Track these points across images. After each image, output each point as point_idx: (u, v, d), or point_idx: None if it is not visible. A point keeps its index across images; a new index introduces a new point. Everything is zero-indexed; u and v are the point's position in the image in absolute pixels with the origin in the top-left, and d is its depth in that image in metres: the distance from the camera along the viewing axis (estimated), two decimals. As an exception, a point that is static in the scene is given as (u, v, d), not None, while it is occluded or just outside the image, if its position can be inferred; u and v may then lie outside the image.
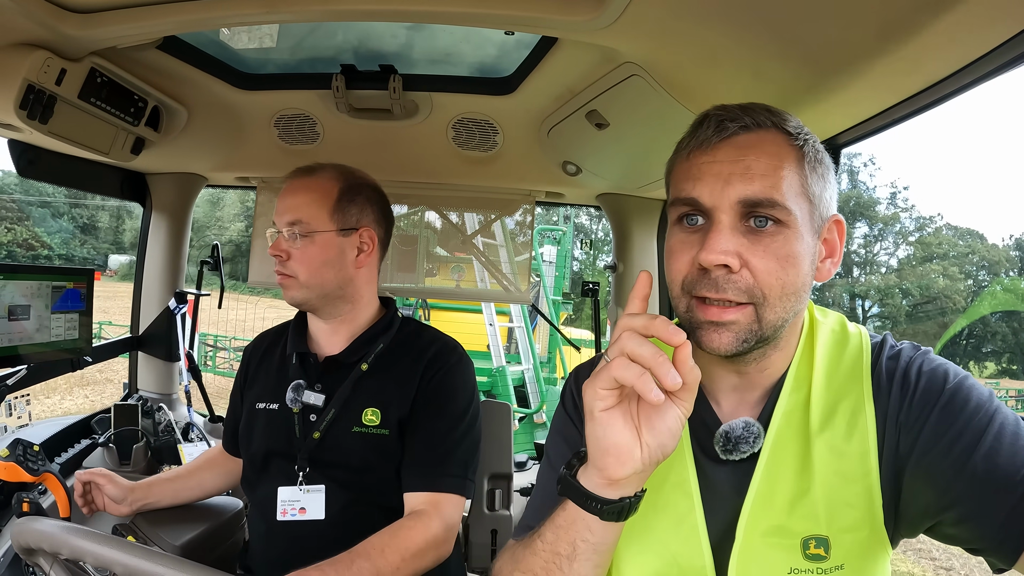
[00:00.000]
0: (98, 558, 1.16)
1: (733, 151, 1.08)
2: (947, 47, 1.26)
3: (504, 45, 2.09)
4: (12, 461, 1.80)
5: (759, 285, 1.06)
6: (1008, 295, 45.90)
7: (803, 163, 1.08)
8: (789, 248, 1.06)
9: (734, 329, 1.08)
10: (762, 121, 1.10)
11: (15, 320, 2.12)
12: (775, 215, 1.05)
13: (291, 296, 1.93)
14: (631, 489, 1.02)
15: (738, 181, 1.06)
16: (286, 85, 2.32)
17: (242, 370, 2.20)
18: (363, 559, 1.65)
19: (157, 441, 2.78)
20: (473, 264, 4.11)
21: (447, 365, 1.98)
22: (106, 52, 1.86)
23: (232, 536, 2.32)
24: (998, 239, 56.03)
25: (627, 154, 2.40)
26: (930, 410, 1.07)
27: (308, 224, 1.90)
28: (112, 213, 48.99)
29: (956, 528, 1.06)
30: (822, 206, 1.11)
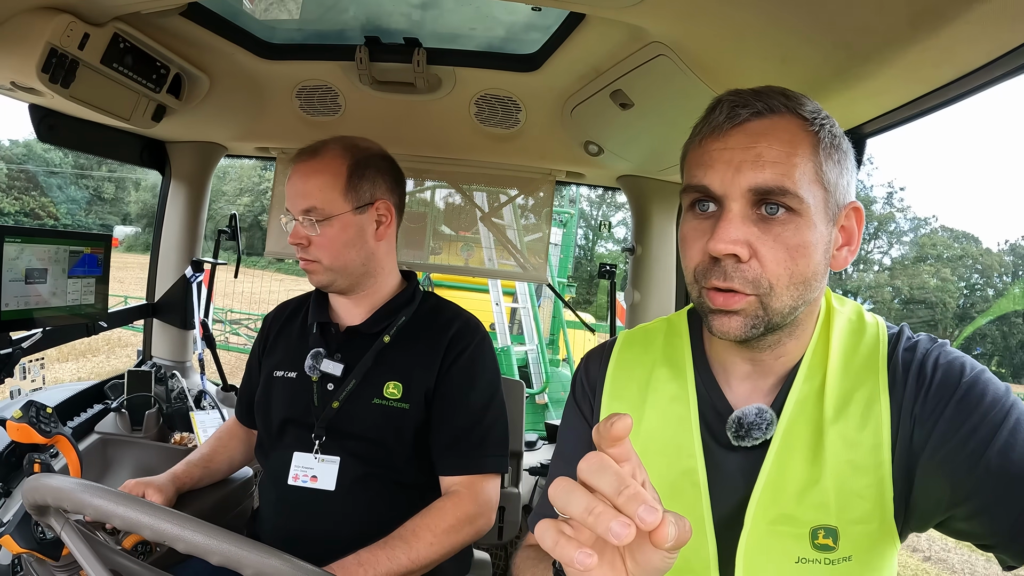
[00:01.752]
0: (111, 514, 1.17)
1: (744, 138, 1.08)
2: (980, 37, 1.24)
3: (530, 21, 2.07)
4: (25, 423, 1.81)
5: (766, 275, 1.06)
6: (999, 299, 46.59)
7: (818, 149, 1.07)
8: (800, 237, 1.06)
9: (742, 315, 1.09)
10: (775, 106, 1.09)
11: (32, 283, 2.13)
12: (786, 203, 1.05)
13: (318, 280, 1.94)
14: None
15: (749, 168, 1.05)
16: (309, 56, 2.31)
17: (261, 338, 2.20)
18: (397, 540, 1.72)
19: (169, 408, 2.80)
20: (481, 243, 4.09)
21: (471, 344, 1.99)
22: (130, 17, 1.86)
23: (241, 504, 2.34)
24: (993, 243, 56.25)
25: (650, 136, 2.38)
26: (946, 403, 1.07)
27: (323, 209, 1.88)
28: (118, 184, 49.14)
29: (968, 523, 1.05)
30: (838, 193, 1.10)
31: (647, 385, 1.31)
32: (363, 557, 1.65)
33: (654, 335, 1.39)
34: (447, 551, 1.77)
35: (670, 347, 1.34)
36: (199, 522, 1.15)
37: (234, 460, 2.26)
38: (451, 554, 1.79)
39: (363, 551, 1.67)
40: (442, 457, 1.91)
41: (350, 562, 1.64)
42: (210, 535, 1.12)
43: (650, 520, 0.70)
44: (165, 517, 1.15)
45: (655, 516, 0.70)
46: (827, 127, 1.09)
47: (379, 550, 1.67)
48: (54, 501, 1.23)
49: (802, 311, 1.13)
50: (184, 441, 2.66)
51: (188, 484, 2.07)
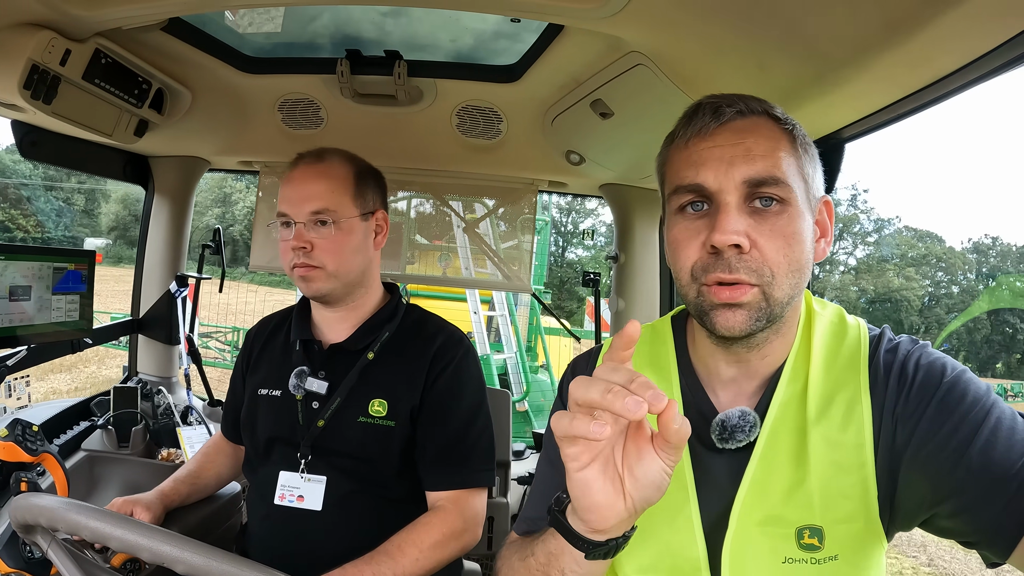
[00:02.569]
0: (97, 533, 1.17)
1: (732, 135, 1.11)
2: (954, 42, 1.26)
3: (510, 33, 2.09)
4: (11, 441, 1.80)
5: (768, 264, 1.08)
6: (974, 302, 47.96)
7: (795, 145, 1.12)
8: (794, 226, 1.09)
9: (747, 308, 1.09)
10: (754, 108, 1.14)
11: (16, 301, 2.12)
12: (778, 193, 1.08)
13: (316, 288, 1.90)
14: (619, 532, 0.99)
15: (741, 162, 1.09)
16: (290, 69, 2.31)
17: (244, 354, 2.19)
18: (383, 555, 1.71)
19: (156, 424, 2.78)
20: (458, 252, 4.10)
21: (455, 358, 1.98)
22: (111, 33, 1.86)
23: (229, 519, 2.33)
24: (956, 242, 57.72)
25: (631, 144, 2.39)
26: (927, 403, 1.08)
27: (336, 211, 1.88)
28: (88, 196, 48.73)
29: (951, 521, 1.06)
30: (814, 187, 1.15)
31: None
32: (349, 572, 1.64)
33: (641, 340, 1.39)
34: (433, 566, 1.76)
35: (655, 353, 1.35)
36: (185, 539, 1.15)
37: (222, 476, 2.25)
38: (437, 569, 1.78)
39: (348, 566, 1.66)
40: (428, 472, 1.91)
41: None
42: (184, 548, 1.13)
43: (659, 404, 0.82)
44: (151, 535, 1.15)
45: (663, 400, 0.82)
46: (797, 127, 1.15)
47: (364, 565, 1.67)
48: (35, 521, 1.23)
49: (794, 303, 1.15)
50: (171, 457, 2.65)
51: (176, 501, 2.05)
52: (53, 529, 1.25)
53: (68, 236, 43.58)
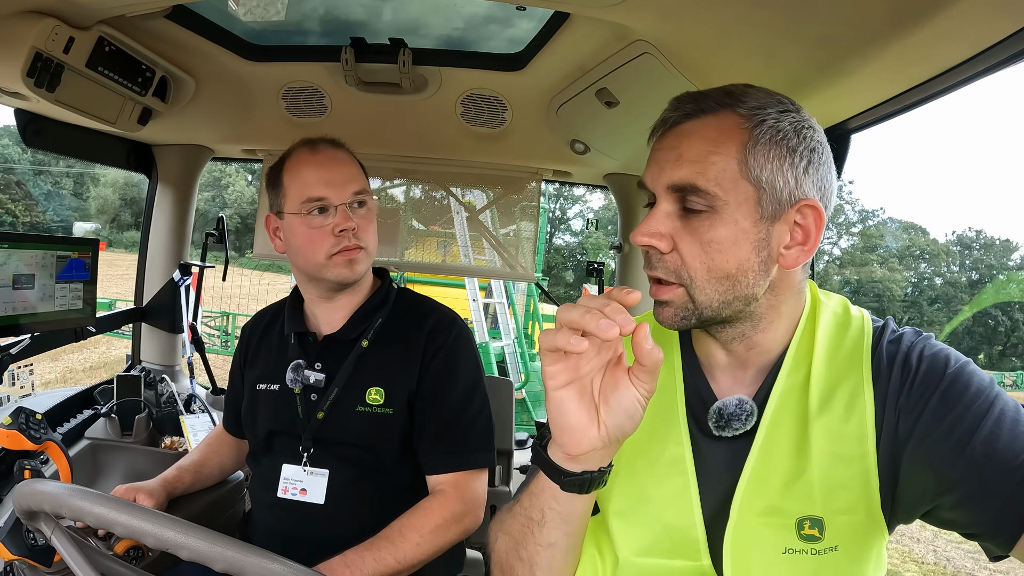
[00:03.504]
0: (101, 519, 1.17)
1: (673, 139, 1.13)
2: (962, 33, 1.25)
3: (515, 20, 2.07)
4: (15, 429, 1.80)
5: (685, 267, 1.10)
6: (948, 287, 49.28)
7: (746, 146, 1.07)
8: (715, 233, 1.08)
9: (672, 306, 1.14)
10: (709, 106, 1.11)
11: (19, 289, 2.12)
12: (702, 202, 1.08)
13: (359, 271, 1.90)
14: (594, 464, 1.05)
15: (670, 167, 1.10)
16: (294, 57, 2.31)
17: (241, 349, 2.19)
18: (383, 541, 1.71)
19: (159, 412, 2.79)
20: (456, 239, 4.08)
21: (449, 339, 1.97)
22: (114, 21, 1.85)
23: (232, 507, 2.34)
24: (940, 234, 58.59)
25: (636, 134, 2.37)
26: (930, 394, 1.08)
27: (368, 192, 1.92)
28: (77, 180, 48.34)
29: (953, 512, 1.06)
30: (778, 189, 1.09)
31: None
32: (349, 558, 1.65)
33: None
34: (434, 551, 1.77)
35: (659, 338, 1.34)
36: (190, 524, 1.15)
37: (225, 466, 2.26)
38: (438, 553, 1.79)
39: (349, 552, 1.67)
40: (427, 455, 1.91)
41: (336, 563, 1.64)
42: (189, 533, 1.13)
43: (629, 326, 0.92)
44: (156, 520, 1.15)
45: (632, 324, 0.92)
46: (769, 123, 1.09)
47: (365, 551, 1.68)
48: (39, 507, 1.23)
49: (744, 305, 1.14)
50: (174, 445, 2.66)
51: (179, 489, 2.06)
52: (57, 516, 1.25)
53: (58, 221, 43.40)
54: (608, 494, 1.24)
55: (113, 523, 1.15)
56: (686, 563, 1.18)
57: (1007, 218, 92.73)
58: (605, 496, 1.25)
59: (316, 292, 1.99)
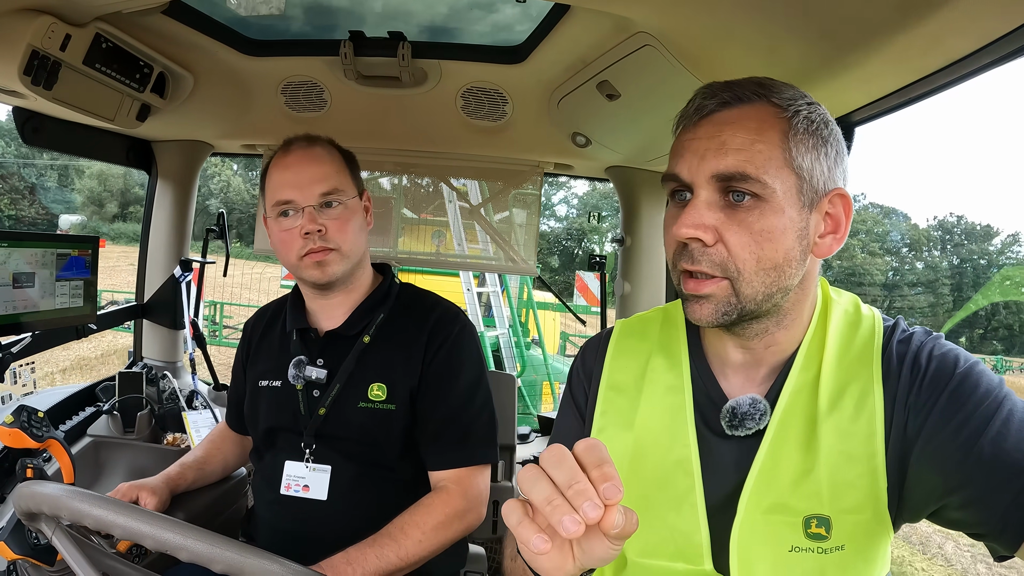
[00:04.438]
0: (100, 521, 1.16)
1: (711, 128, 1.11)
2: (969, 24, 1.24)
3: (515, 13, 2.06)
4: (17, 427, 1.79)
5: (733, 259, 1.09)
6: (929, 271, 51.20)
7: (787, 135, 1.08)
8: (765, 222, 1.07)
9: (712, 301, 1.12)
10: (745, 95, 1.11)
11: (20, 288, 2.11)
12: (750, 189, 1.07)
13: (331, 273, 1.87)
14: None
15: (712, 156, 1.09)
16: (293, 51, 2.29)
17: (243, 346, 2.19)
18: (386, 538, 1.71)
19: (161, 409, 2.79)
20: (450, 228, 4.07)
21: (451, 335, 1.97)
22: (111, 17, 1.84)
23: (235, 503, 2.34)
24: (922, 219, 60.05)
25: (638, 126, 2.37)
26: (939, 394, 1.08)
27: (343, 191, 1.89)
28: (61, 172, 48.18)
29: (960, 512, 1.06)
30: (815, 179, 1.10)
31: (643, 375, 1.33)
32: (352, 555, 1.65)
33: (651, 324, 1.41)
34: (436, 547, 1.77)
35: (666, 336, 1.36)
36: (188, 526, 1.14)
37: (228, 463, 2.26)
38: (441, 550, 1.79)
39: (351, 549, 1.67)
40: (429, 451, 1.91)
41: (338, 560, 1.64)
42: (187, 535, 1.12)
43: (592, 516, 0.79)
44: (154, 522, 1.14)
45: (597, 512, 0.79)
46: (803, 113, 1.10)
47: (368, 548, 1.68)
48: (39, 508, 1.23)
49: (781, 299, 1.14)
50: (177, 442, 2.66)
51: (182, 486, 2.06)
52: (57, 517, 1.25)
53: (43, 212, 43.29)
54: None
55: (111, 525, 1.15)
56: (688, 567, 1.18)
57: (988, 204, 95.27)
58: None
59: (307, 290, 2.00)
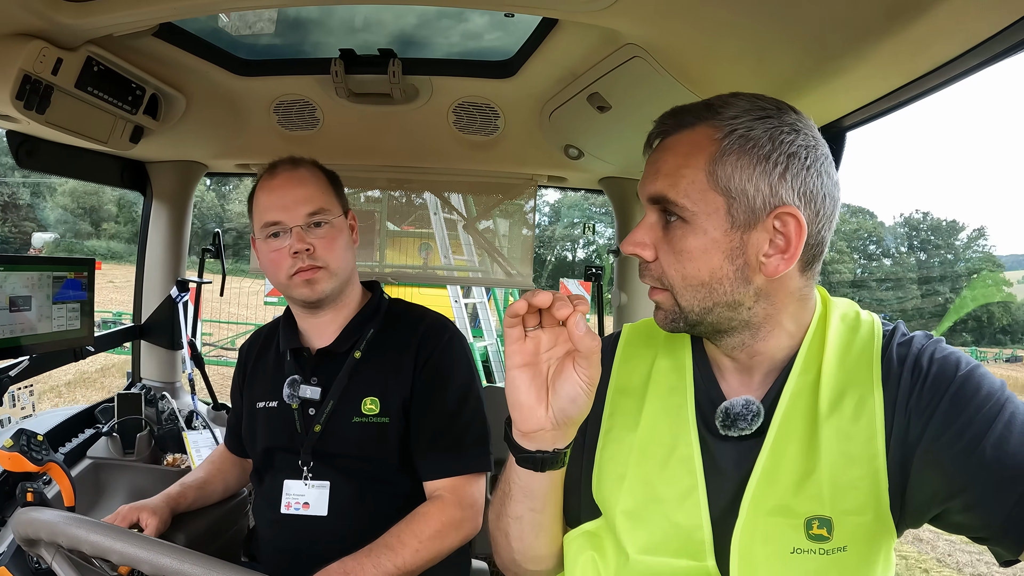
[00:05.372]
0: (98, 547, 1.16)
1: (655, 154, 1.19)
2: (955, 28, 1.25)
3: (504, 27, 2.08)
4: (16, 451, 1.79)
5: (666, 275, 1.16)
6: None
7: (715, 157, 1.08)
8: (686, 242, 1.12)
9: (662, 309, 1.21)
10: (687, 121, 1.15)
11: (17, 311, 2.11)
12: (675, 211, 1.13)
13: (320, 290, 1.89)
14: (547, 444, 1.16)
15: (648, 181, 1.17)
16: (285, 71, 2.30)
17: (240, 370, 2.20)
18: (382, 547, 1.71)
19: (161, 429, 2.78)
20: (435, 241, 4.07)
21: (440, 344, 1.98)
22: (102, 40, 1.85)
23: (236, 523, 2.33)
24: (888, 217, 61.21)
25: (630, 137, 2.36)
26: (940, 397, 1.07)
27: (329, 211, 1.91)
28: (33, 190, 47.55)
29: (963, 516, 1.06)
30: (751, 198, 1.08)
31: (648, 377, 1.34)
32: (348, 565, 1.65)
33: (657, 328, 1.41)
34: (433, 556, 1.77)
35: (671, 340, 1.37)
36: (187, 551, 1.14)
37: (229, 485, 2.26)
38: (437, 560, 1.78)
39: (348, 559, 1.67)
40: (423, 461, 1.91)
41: (335, 570, 1.64)
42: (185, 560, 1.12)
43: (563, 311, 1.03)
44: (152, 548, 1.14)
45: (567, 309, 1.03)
46: (739, 132, 1.09)
47: (364, 558, 1.67)
48: (37, 535, 1.22)
49: (729, 312, 1.15)
50: (177, 462, 2.65)
51: (183, 505, 2.06)
52: (55, 543, 1.24)
53: (16, 231, 42.93)
54: (616, 494, 1.25)
55: (110, 552, 1.15)
56: (691, 563, 1.18)
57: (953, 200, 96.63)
58: (612, 496, 1.26)
59: (297, 308, 2.02)
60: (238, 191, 39.50)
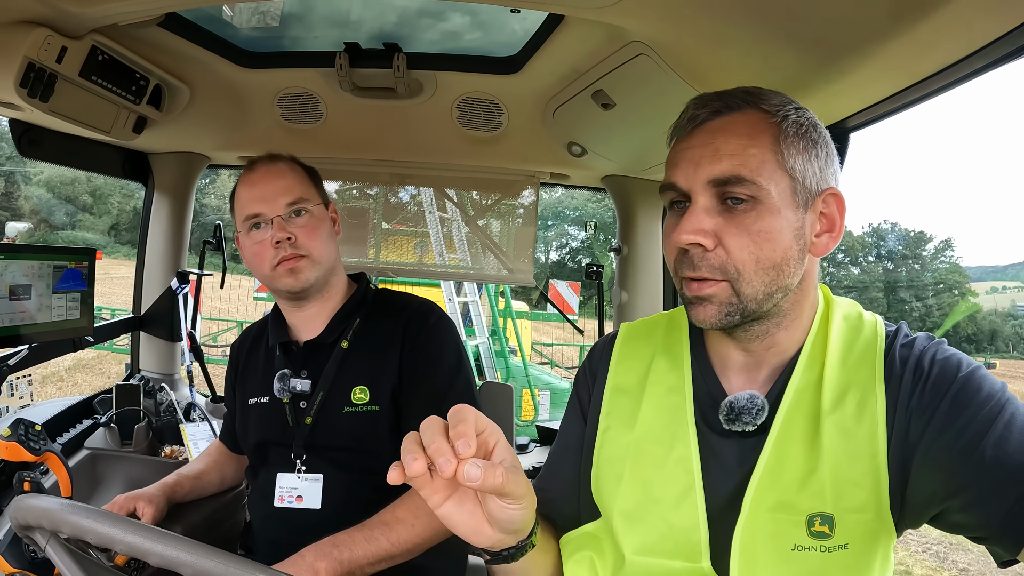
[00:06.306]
0: (98, 535, 1.16)
1: (704, 136, 1.15)
2: (961, 29, 1.25)
3: (510, 23, 2.07)
4: (14, 441, 1.79)
5: (732, 261, 1.11)
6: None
7: (779, 139, 1.11)
8: (762, 223, 1.10)
9: (715, 302, 1.14)
10: (735, 104, 1.15)
11: (16, 300, 2.11)
12: (746, 192, 1.10)
13: (304, 279, 1.90)
14: (510, 543, 1.09)
15: (707, 163, 1.12)
16: (289, 63, 2.30)
17: (232, 366, 2.22)
18: (376, 523, 1.71)
19: (159, 421, 2.78)
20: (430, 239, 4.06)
21: (425, 326, 1.98)
22: (107, 29, 1.85)
23: (233, 516, 2.33)
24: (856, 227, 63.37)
25: (634, 135, 2.38)
26: (941, 398, 1.08)
27: (308, 200, 1.93)
28: (7, 179, 47.00)
29: (962, 515, 1.06)
30: (808, 180, 1.13)
31: (646, 377, 1.34)
32: (339, 539, 1.64)
33: (655, 328, 1.43)
34: (429, 536, 1.74)
35: (670, 339, 1.38)
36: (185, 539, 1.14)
37: (226, 477, 2.27)
38: (435, 539, 1.76)
39: (341, 533, 1.66)
40: None
41: (326, 543, 1.62)
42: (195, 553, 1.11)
43: (447, 469, 0.88)
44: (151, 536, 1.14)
45: (450, 466, 0.88)
46: (792, 118, 1.13)
47: (357, 532, 1.66)
48: (36, 522, 1.22)
49: (781, 299, 1.16)
50: (174, 454, 2.65)
51: (179, 494, 2.07)
52: (53, 532, 1.24)
53: None
54: (614, 494, 1.26)
55: (114, 541, 1.14)
56: (686, 564, 1.18)
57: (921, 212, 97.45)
58: (610, 497, 1.27)
59: (283, 302, 2.03)
60: (214, 185, 39.11)
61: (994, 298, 59.80)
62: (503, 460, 0.95)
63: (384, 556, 1.66)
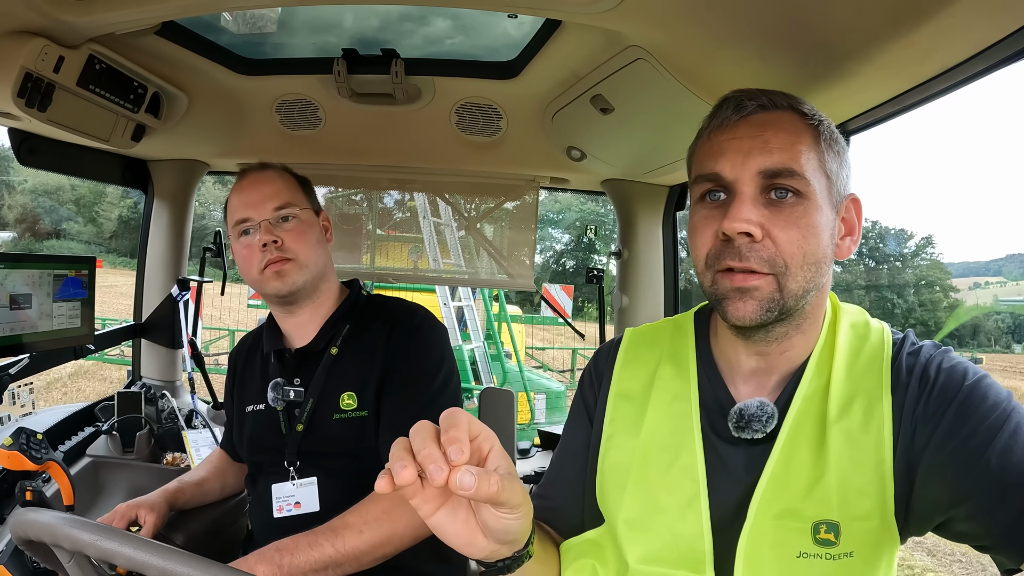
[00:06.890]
0: (98, 550, 1.15)
1: (752, 128, 1.14)
2: (961, 33, 1.24)
3: (508, 28, 2.07)
4: (16, 450, 1.79)
5: (781, 254, 1.10)
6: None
7: (819, 140, 1.13)
8: (810, 218, 1.10)
9: (758, 296, 1.12)
10: (778, 102, 1.16)
11: (17, 309, 2.11)
12: (795, 186, 1.10)
13: (291, 282, 1.90)
14: (505, 554, 1.04)
15: (758, 154, 1.11)
16: (287, 70, 2.30)
17: (231, 375, 2.22)
18: (325, 529, 1.69)
19: (160, 428, 2.78)
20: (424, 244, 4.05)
21: (410, 327, 1.98)
22: (104, 38, 1.85)
23: (235, 524, 2.33)
24: None
25: (633, 139, 2.37)
26: (947, 406, 1.08)
27: (296, 205, 1.95)
28: None
29: (966, 524, 1.05)
30: (839, 183, 1.16)
31: (651, 383, 1.33)
32: (283, 544, 1.63)
33: (661, 333, 1.42)
34: (382, 538, 1.70)
35: (675, 345, 1.37)
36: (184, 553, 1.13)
37: (227, 484, 2.27)
38: (392, 543, 1.72)
39: (286, 539, 1.65)
40: (382, 445, 1.87)
41: (269, 549, 1.62)
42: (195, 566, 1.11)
43: (438, 477, 0.82)
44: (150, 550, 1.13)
45: (442, 474, 0.82)
46: (825, 123, 1.16)
47: (302, 538, 1.65)
48: (37, 537, 1.21)
49: (811, 299, 1.16)
50: (176, 461, 2.65)
51: (180, 501, 2.07)
52: (55, 546, 1.24)
53: None
54: (618, 502, 1.25)
55: (116, 556, 1.14)
56: (690, 574, 1.17)
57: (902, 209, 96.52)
58: (615, 504, 1.26)
59: (274, 307, 2.04)
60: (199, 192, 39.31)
61: (976, 294, 60.54)
62: (498, 467, 0.91)
63: (328, 563, 1.64)
